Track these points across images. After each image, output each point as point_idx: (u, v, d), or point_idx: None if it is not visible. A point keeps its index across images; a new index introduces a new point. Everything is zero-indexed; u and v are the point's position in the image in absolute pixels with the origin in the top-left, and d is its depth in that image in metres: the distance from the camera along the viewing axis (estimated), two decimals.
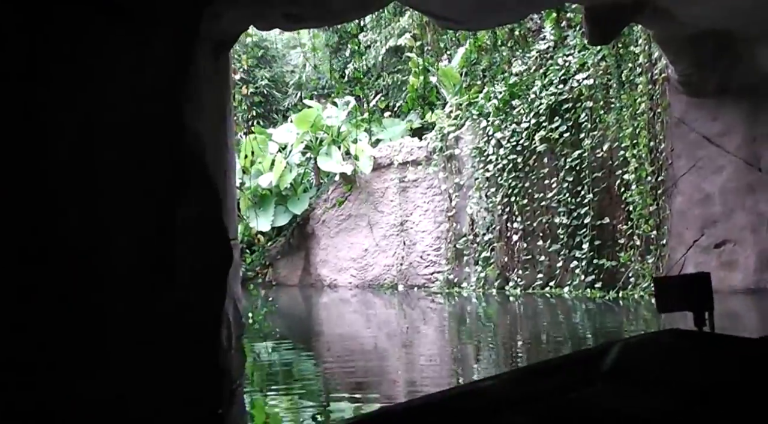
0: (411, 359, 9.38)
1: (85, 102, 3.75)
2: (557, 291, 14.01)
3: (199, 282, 4.78)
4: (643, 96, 12.67)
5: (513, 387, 1.76)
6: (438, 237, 16.57)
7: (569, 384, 1.72)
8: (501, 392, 1.74)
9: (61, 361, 3.64)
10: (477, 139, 15.70)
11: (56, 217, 3.60)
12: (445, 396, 1.81)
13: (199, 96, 6.11)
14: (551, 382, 1.75)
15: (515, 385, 1.79)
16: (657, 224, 12.66)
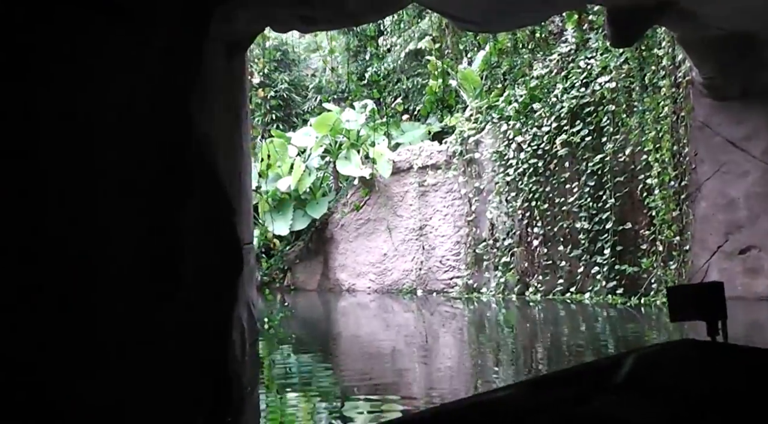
0: (429, 364, 9.24)
1: (84, 102, 3.64)
2: (578, 297, 13.80)
3: (206, 286, 4.66)
4: (666, 99, 12.45)
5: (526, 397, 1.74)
6: (457, 242, 16.40)
7: (583, 395, 1.69)
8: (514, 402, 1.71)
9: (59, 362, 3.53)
10: (497, 143, 15.53)
11: (55, 218, 3.49)
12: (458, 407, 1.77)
13: (210, 97, 6.00)
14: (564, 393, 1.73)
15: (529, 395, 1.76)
16: (680, 230, 12.43)
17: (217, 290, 4.94)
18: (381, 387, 7.72)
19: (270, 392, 7.78)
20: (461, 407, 1.78)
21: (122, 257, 3.82)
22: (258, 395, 7.59)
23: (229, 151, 7.35)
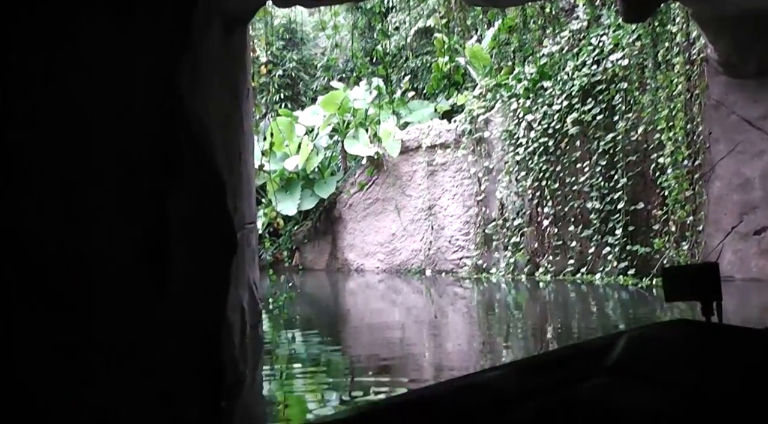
0: (438, 344, 9.11)
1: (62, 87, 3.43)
2: (588, 278, 13.60)
3: (197, 273, 4.49)
4: (680, 77, 12.16)
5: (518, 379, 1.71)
6: (467, 222, 16.19)
7: (574, 378, 1.67)
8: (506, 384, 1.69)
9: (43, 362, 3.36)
10: (507, 122, 15.27)
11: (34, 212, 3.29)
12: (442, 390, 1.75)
13: (205, 75, 5.81)
14: (556, 374, 1.71)
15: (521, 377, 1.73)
16: (693, 210, 12.19)
17: (208, 277, 4.76)
18: (389, 367, 7.57)
19: (274, 373, 7.64)
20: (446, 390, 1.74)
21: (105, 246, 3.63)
22: (261, 376, 7.45)
23: (228, 130, 7.16)
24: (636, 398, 1.57)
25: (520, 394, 1.63)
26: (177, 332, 4.13)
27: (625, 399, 1.57)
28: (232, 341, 6.17)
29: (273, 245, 19.81)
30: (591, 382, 1.66)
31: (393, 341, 9.29)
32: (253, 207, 8.89)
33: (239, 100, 7.99)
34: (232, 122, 7.58)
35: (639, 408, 1.53)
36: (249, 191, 8.64)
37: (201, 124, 5.26)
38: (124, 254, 3.71)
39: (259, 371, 7.68)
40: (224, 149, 6.87)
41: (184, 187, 4.43)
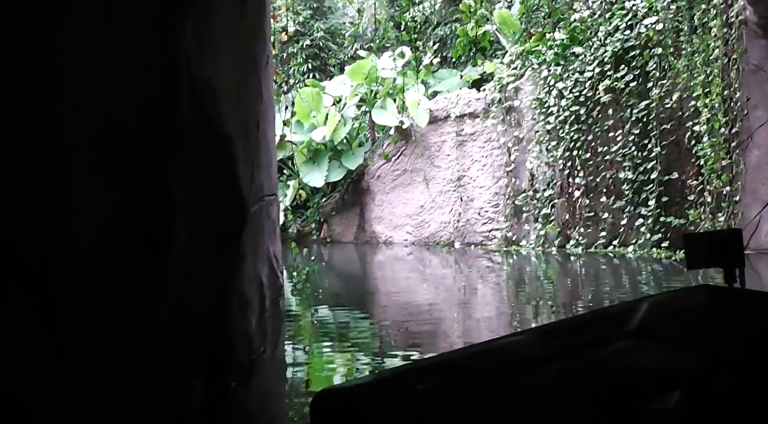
0: (467, 319, 8.87)
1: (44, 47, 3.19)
2: (621, 250, 13.26)
3: (201, 245, 4.27)
4: (717, 40, 11.69)
5: (540, 343, 1.70)
6: (496, 193, 15.88)
7: (595, 341, 1.67)
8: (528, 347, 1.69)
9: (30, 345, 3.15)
10: (537, 90, 14.88)
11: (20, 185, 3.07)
12: (472, 352, 1.75)
13: (215, 39, 5.56)
14: (579, 338, 1.70)
15: (543, 341, 1.72)
16: (730, 180, 11.77)
17: (215, 247, 4.54)
18: (418, 343, 7.35)
19: (294, 350, 7.46)
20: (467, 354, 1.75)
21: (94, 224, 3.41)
22: (281, 354, 7.27)
23: (244, 98, 6.91)
24: (658, 361, 1.56)
25: (541, 357, 1.61)
26: (177, 307, 3.92)
27: (646, 362, 1.56)
28: (247, 317, 5.98)
29: (301, 218, 19.67)
30: (613, 345, 1.65)
31: (422, 315, 9.06)
32: (273, 178, 8.68)
33: (257, 68, 7.74)
34: (249, 90, 7.33)
35: (660, 371, 1.51)
36: (268, 162, 8.41)
37: (209, 88, 5.02)
38: (109, 223, 3.48)
39: (280, 347, 7.50)
40: (239, 117, 6.63)
41: (186, 154, 4.20)
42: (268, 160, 8.43)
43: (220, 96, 5.39)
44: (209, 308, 4.56)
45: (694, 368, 1.52)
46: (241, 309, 5.52)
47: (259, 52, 7.98)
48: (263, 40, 8.31)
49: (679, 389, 1.43)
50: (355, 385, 1.61)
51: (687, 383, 1.46)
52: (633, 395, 1.44)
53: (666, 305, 1.94)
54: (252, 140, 7.32)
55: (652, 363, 1.58)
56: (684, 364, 1.55)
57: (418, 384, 1.51)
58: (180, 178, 4.10)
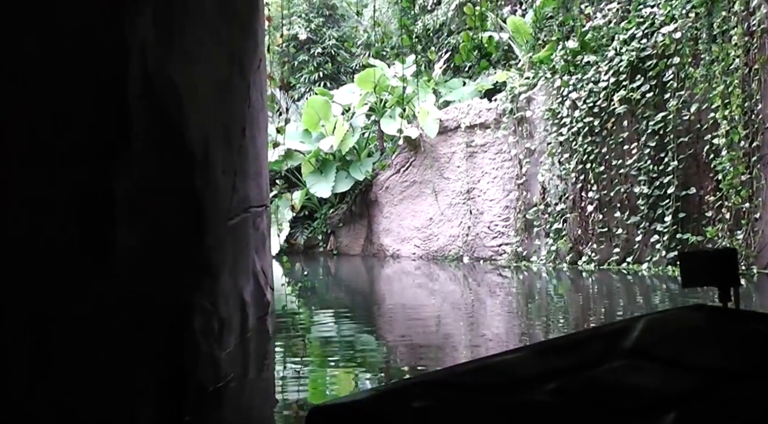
0: (475, 337, 8.37)
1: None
2: (635, 268, 12.70)
3: (149, 255, 3.80)
4: (737, 49, 11.12)
5: (535, 361, 1.70)
6: (507, 206, 15.35)
7: (591, 360, 1.65)
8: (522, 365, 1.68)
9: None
10: (550, 100, 14.36)
11: None
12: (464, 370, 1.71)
13: (189, 35, 5.12)
14: (574, 357, 1.69)
15: (537, 359, 1.73)
16: (750, 196, 11.18)
17: (168, 259, 4.07)
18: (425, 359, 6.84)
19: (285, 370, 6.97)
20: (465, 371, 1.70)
21: (36, 223, 2.97)
22: (264, 376, 6.78)
23: (225, 102, 6.47)
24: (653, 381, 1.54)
25: (537, 376, 1.59)
26: (124, 325, 3.45)
27: (642, 381, 1.54)
28: (215, 338, 5.49)
29: (308, 229, 19.22)
30: (609, 364, 1.64)
31: (429, 335, 8.55)
32: (263, 188, 8.20)
33: (245, 70, 7.28)
34: (233, 93, 6.89)
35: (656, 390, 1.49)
36: (257, 171, 7.94)
37: (171, 87, 4.57)
38: (42, 227, 3.03)
39: (265, 371, 7.01)
40: (218, 121, 6.19)
41: (133, 154, 3.73)
42: (257, 169, 7.96)
43: (187, 96, 4.94)
44: (164, 328, 4.08)
45: (689, 388, 1.50)
46: (206, 329, 5.03)
47: (247, 54, 7.53)
48: (254, 42, 7.85)
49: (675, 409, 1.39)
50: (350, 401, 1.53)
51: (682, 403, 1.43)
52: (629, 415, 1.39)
53: (661, 323, 1.95)
54: (235, 147, 6.87)
55: (648, 383, 1.55)
56: (679, 384, 1.53)
57: (414, 402, 1.46)
58: (125, 180, 3.64)
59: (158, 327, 4.04)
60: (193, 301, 4.59)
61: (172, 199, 4.21)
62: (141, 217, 3.83)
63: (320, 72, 22.44)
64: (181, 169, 4.41)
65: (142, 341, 3.88)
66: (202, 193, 4.84)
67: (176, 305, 4.22)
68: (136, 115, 3.85)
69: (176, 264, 4.27)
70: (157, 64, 4.45)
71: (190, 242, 4.43)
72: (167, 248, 4.12)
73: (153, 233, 3.98)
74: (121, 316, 3.72)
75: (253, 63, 7.79)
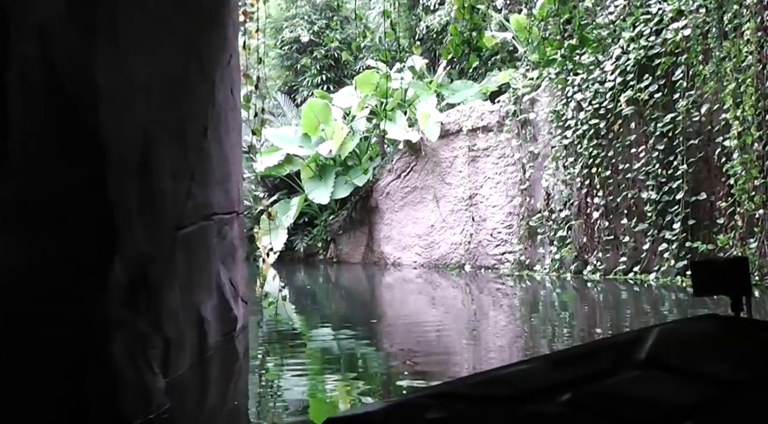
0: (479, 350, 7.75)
1: None
2: (642, 278, 12.02)
3: (57, 274, 3.21)
4: (750, 45, 10.43)
5: (546, 373, 1.65)
6: (510, 213, 14.69)
7: (604, 371, 1.61)
8: (533, 377, 1.63)
9: None
10: (554, 102, 13.71)
11: None
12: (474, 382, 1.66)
13: (118, 29, 4.55)
14: (586, 368, 1.64)
15: (549, 370, 1.68)
16: (764, 201, 10.47)
17: (70, 274, 3.48)
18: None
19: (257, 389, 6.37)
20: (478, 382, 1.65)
21: None
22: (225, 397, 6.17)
23: (177, 100, 5.89)
24: (667, 391, 1.51)
25: (550, 387, 1.53)
26: (16, 350, 2.86)
27: (656, 392, 1.51)
28: (163, 361, 4.91)
29: (308, 237, 18.65)
30: (622, 375, 1.60)
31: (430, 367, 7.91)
32: (232, 194, 7.60)
33: (205, 65, 6.70)
34: (191, 90, 6.31)
35: (670, 401, 1.45)
36: (225, 175, 7.35)
37: (84, 79, 3.98)
38: None
39: (208, 398, 6.34)
40: (166, 120, 5.61)
41: (18, 158, 3.15)
42: (225, 173, 7.38)
43: (111, 90, 4.35)
44: (60, 355, 3.49)
45: (703, 398, 1.44)
46: (135, 353, 4.43)
47: (211, 49, 6.95)
48: (220, 36, 7.27)
49: (689, 420, 1.35)
50: (362, 413, 1.49)
51: (697, 414, 1.38)
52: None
53: (674, 333, 1.93)
54: (192, 149, 6.29)
55: (662, 393, 1.50)
56: (694, 394, 1.47)
57: (427, 413, 1.40)
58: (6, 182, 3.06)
59: (52, 355, 3.44)
60: (109, 320, 3.99)
61: (77, 206, 3.62)
62: (25, 227, 3.23)
63: (323, 75, 21.88)
64: (92, 172, 3.82)
65: (29, 372, 3.28)
66: (125, 199, 4.24)
67: (78, 328, 3.63)
68: (24, 108, 3.26)
69: (80, 280, 3.68)
70: (66, 50, 3.88)
71: (100, 253, 3.84)
72: (65, 262, 3.52)
73: (43, 245, 3.38)
74: (8, 343, 3.13)
75: (219, 59, 7.22)
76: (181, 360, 5.75)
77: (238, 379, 6.84)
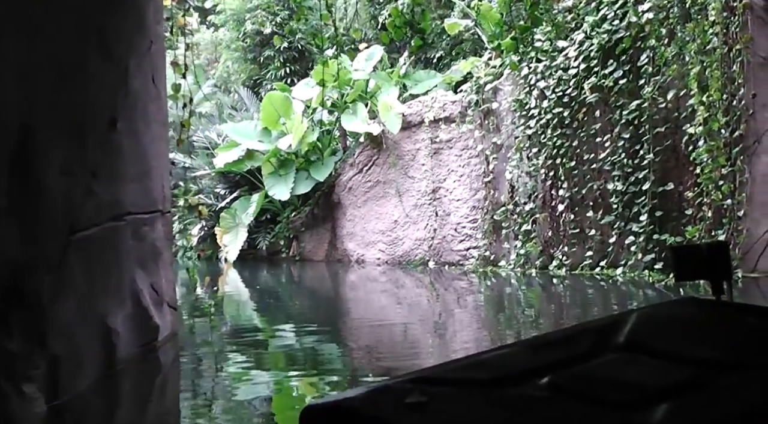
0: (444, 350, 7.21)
1: None
2: (609, 273, 11.52)
3: None
4: (714, 26, 9.90)
5: (527, 356, 1.69)
6: (474, 207, 14.12)
7: (584, 355, 1.65)
8: (513, 362, 1.66)
9: None
10: (517, 90, 13.15)
11: None
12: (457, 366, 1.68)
13: None
14: (566, 351, 1.68)
15: (529, 354, 1.72)
16: (732, 191, 9.97)
17: None
18: None
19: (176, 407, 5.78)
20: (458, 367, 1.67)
21: None
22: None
23: (65, 84, 5.26)
24: (647, 373, 1.52)
25: (528, 370, 1.56)
26: None
27: (635, 374, 1.51)
28: (47, 383, 4.30)
29: (270, 234, 18.02)
30: (601, 358, 1.62)
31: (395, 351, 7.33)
32: (154, 192, 6.98)
33: (112, 50, 6.08)
34: (92, 76, 5.69)
35: (650, 383, 1.46)
36: (144, 170, 6.74)
37: None
38: None
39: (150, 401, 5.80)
40: (53, 108, 4.99)
41: None
42: (144, 169, 6.76)
43: None
44: None
45: (682, 380, 1.46)
46: (12, 373, 3.83)
47: (121, 33, 6.33)
48: (135, 19, 6.65)
49: (667, 401, 1.36)
50: (342, 399, 1.47)
51: (675, 395, 1.39)
52: (621, 407, 1.35)
53: (654, 317, 1.93)
54: (93, 142, 5.67)
55: (641, 375, 1.51)
56: (673, 376, 1.49)
57: (407, 398, 1.40)
58: None
59: None
60: None
61: None
62: None
63: (287, 67, 21.20)
64: None
65: None
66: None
67: None
68: None
69: None
70: None
71: None
72: None
73: None
74: None
75: (134, 44, 6.60)
76: (78, 379, 5.14)
77: (159, 393, 6.25)
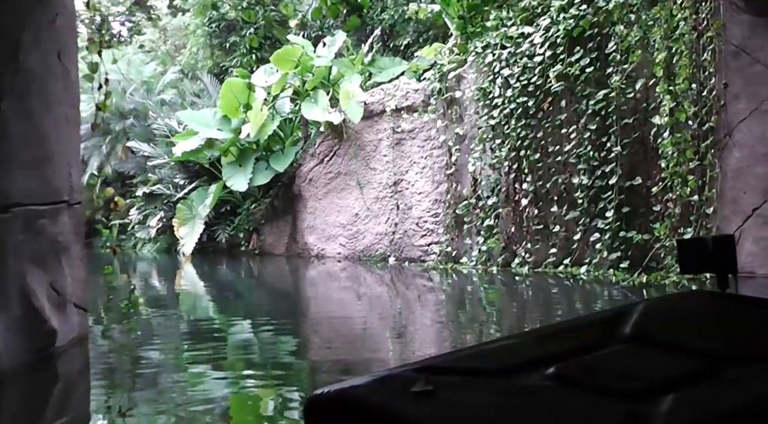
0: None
1: None
2: (574, 271, 10.95)
3: None
4: (683, 11, 9.29)
5: (531, 347, 1.68)
6: (436, 200, 13.49)
7: (590, 345, 1.63)
8: (519, 352, 1.65)
9: None
10: (481, 79, 12.51)
11: None
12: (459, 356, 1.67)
13: None
14: (572, 342, 1.66)
15: (534, 345, 1.70)
16: (701, 187, 9.39)
17: None
18: None
19: None
20: (463, 356, 1.66)
21: None
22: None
23: None
24: (653, 364, 1.52)
25: (534, 360, 1.54)
26: None
27: (641, 365, 1.51)
28: None
29: (229, 226, 17.33)
30: (608, 349, 1.62)
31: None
32: (55, 181, 6.29)
33: (6, 27, 5.39)
34: None
35: (655, 374, 1.46)
36: (43, 157, 6.07)
37: None
38: None
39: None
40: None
41: None
42: (41, 155, 6.08)
43: None
44: None
45: (688, 371, 1.46)
46: None
47: (13, 6, 5.64)
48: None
49: (673, 392, 1.35)
50: (348, 387, 1.43)
51: (681, 386, 1.38)
52: (626, 398, 1.34)
53: (660, 309, 1.94)
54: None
55: (646, 366, 1.50)
56: (678, 367, 1.49)
57: (413, 386, 1.39)
58: None
59: None
60: None
61: None
62: None
63: (254, 54, 20.47)
64: None
65: None
66: None
67: None
68: None
69: None
70: None
71: None
72: None
73: None
74: None
75: (30, 17, 5.90)
76: None
77: (46, 406, 5.57)
